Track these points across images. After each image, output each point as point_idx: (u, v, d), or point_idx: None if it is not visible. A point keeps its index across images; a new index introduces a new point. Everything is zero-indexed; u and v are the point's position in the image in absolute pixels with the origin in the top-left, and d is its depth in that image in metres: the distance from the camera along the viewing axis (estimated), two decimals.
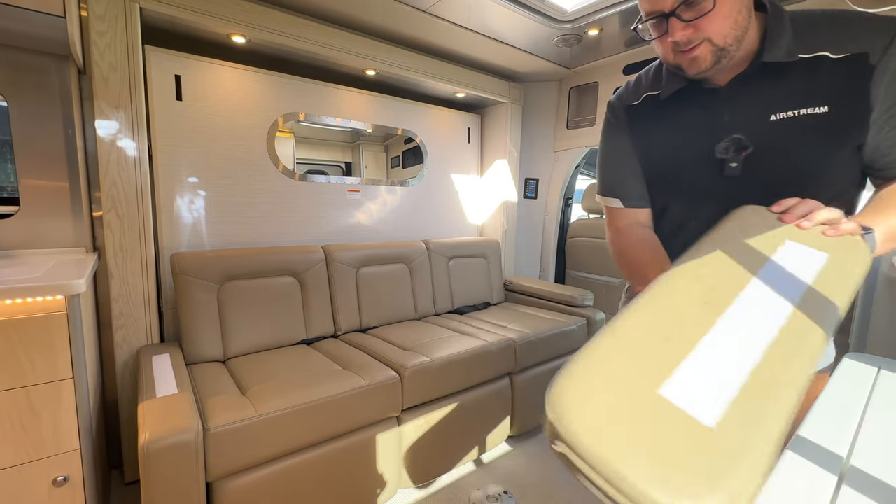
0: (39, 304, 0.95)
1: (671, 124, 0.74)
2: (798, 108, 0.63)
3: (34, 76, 1.27)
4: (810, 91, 0.62)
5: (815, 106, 0.61)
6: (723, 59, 0.64)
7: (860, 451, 0.49)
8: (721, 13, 0.60)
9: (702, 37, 0.61)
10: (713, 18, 0.60)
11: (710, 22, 0.60)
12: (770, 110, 0.64)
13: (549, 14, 1.69)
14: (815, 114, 0.61)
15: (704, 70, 0.65)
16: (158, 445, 0.92)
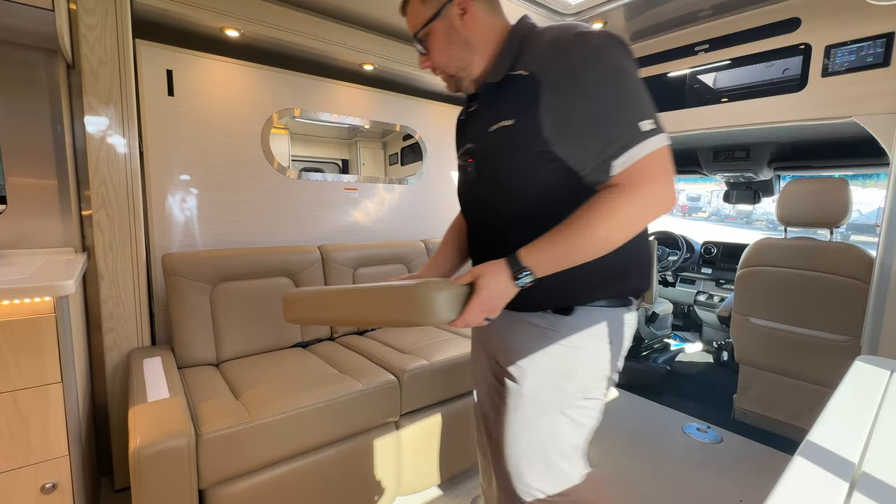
0: (27, 306, 0.93)
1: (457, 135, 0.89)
2: (499, 120, 0.72)
3: (21, 71, 1.24)
4: (507, 105, 0.71)
5: (507, 119, 0.71)
6: (461, 82, 0.79)
7: (872, 457, 0.48)
8: (436, 51, 0.77)
9: (434, 63, 0.79)
10: (433, 53, 0.78)
11: (432, 54, 0.78)
12: (488, 122, 0.74)
13: (553, 7, 1.65)
14: (507, 126, 0.71)
15: (453, 90, 0.81)
16: (150, 451, 0.90)
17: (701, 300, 2.86)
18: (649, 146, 0.62)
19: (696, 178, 2.92)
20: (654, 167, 0.63)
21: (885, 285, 1.37)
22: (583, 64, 0.64)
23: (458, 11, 0.74)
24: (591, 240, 0.64)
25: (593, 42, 0.65)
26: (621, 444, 1.76)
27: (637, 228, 0.66)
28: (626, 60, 0.65)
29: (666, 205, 0.64)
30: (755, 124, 1.72)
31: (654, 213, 0.65)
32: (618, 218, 0.63)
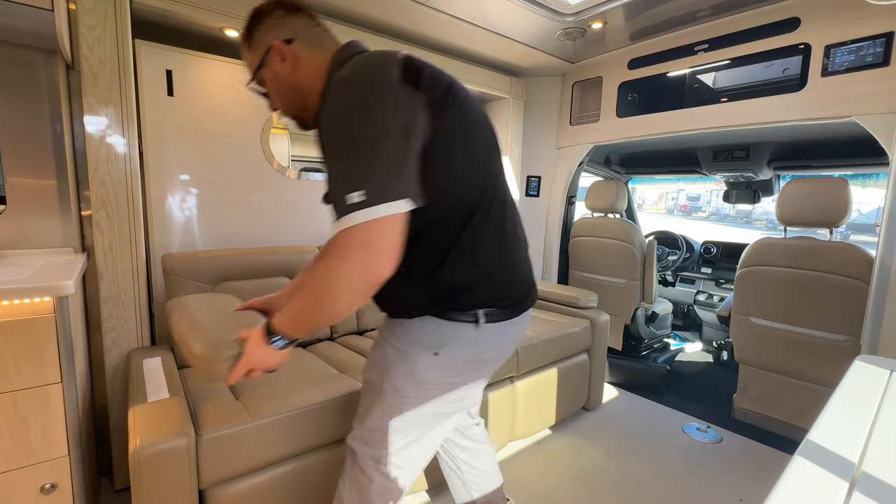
0: (27, 307, 0.92)
1: None
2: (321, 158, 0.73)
3: (21, 71, 1.23)
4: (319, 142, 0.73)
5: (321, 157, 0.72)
6: (306, 123, 0.83)
7: (872, 456, 0.48)
8: (272, 97, 0.82)
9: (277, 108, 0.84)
10: (271, 99, 0.83)
11: (272, 100, 0.83)
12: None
13: (552, 7, 1.65)
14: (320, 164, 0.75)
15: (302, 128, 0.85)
16: (149, 452, 0.90)
17: (701, 300, 2.86)
18: (352, 220, 0.62)
19: (696, 177, 2.92)
20: (351, 241, 0.63)
21: (884, 285, 1.37)
22: (334, 108, 0.66)
23: (277, 59, 0.77)
24: (315, 310, 0.69)
25: (343, 94, 0.66)
26: (621, 444, 1.76)
27: (350, 296, 0.66)
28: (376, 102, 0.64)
29: (367, 277, 0.64)
30: (755, 124, 1.72)
31: (355, 285, 0.65)
32: (329, 291, 0.66)
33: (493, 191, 0.78)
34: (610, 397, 2.18)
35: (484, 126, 0.80)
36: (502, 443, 1.68)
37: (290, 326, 0.73)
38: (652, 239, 2.36)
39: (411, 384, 0.80)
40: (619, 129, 2.16)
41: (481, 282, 0.77)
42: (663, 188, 17.22)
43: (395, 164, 0.63)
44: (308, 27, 0.80)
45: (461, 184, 0.73)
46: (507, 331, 0.84)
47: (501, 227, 0.80)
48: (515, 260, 0.84)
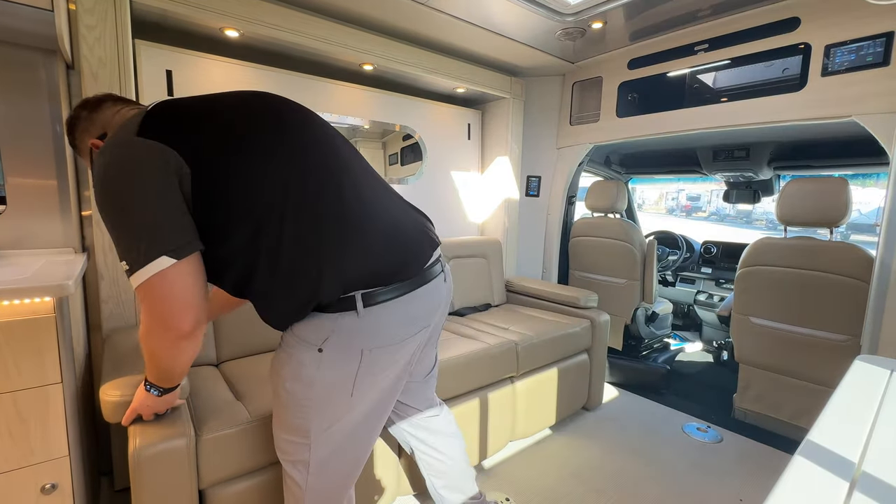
0: (27, 307, 0.92)
1: None
2: None
3: (20, 71, 1.23)
4: None
5: None
6: None
7: (872, 456, 0.48)
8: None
9: None
10: None
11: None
12: None
13: (552, 6, 1.65)
14: None
15: None
16: (149, 452, 0.90)
17: (701, 300, 2.86)
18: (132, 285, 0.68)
19: (696, 177, 2.92)
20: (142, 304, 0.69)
21: (885, 284, 1.37)
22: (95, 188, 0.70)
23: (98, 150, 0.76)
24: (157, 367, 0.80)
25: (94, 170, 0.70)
26: (621, 444, 1.76)
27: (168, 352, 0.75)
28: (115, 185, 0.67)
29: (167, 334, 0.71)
30: (755, 124, 1.72)
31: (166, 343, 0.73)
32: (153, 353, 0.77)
33: (315, 172, 0.76)
34: (610, 397, 2.18)
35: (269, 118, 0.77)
36: (502, 443, 1.68)
37: (154, 378, 0.83)
38: (652, 239, 2.36)
39: (301, 385, 0.79)
40: (619, 129, 2.16)
41: (339, 266, 0.74)
42: (663, 188, 17.21)
43: (146, 227, 0.66)
44: (113, 115, 0.82)
45: (259, 188, 0.72)
46: (406, 308, 0.81)
47: (348, 205, 0.77)
48: (388, 229, 0.81)
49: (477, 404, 1.54)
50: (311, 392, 0.79)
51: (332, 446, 0.84)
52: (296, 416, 0.82)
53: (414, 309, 0.83)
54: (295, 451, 0.85)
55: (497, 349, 1.59)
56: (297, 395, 0.80)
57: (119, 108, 0.83)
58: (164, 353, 0.74)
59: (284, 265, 0.73)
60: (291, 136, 0.77)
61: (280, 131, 0.77)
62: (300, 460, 0.85)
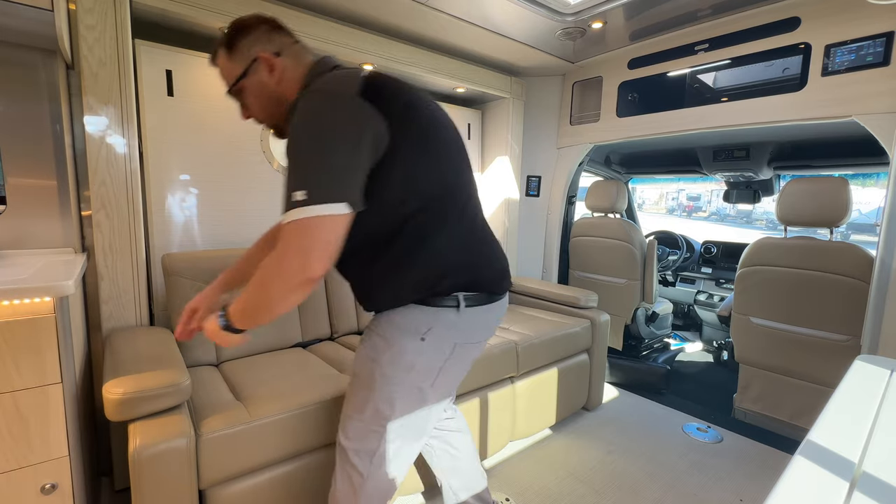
0: (27, 307, 0.92)
1: None
2: None
3: (20, 71, 1.23)
4: None
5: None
6: (283, 130, 0.90)
7: (872, 456, 0.48)
8: (251, 103, 0.90)
9: (253, 116, 0.92)
10: (250, 106, 0.91)
11: (249, 107, 0.91)
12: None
13: (552, 6, 1.65)
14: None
15: (279, 136, 0.92)
16: (150, 452, 0.90)
17: (701, 300, 2.86)
18: (292, 216, 0.67)
19: (696, 177, 2.92)
20: (290, 237, 0.68)
21: (885, 284, 1.37)
22: (297, 120, 0.73)
23: (265, 69, 0.83)
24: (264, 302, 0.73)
25: (312, 101, 0.72)
26: (621, 444, 1.76)
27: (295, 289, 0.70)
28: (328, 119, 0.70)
29: (301, 274, 0.68)
30: (755, 124, 1.72)
31: (292, 283, 0.69)
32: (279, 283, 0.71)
33: (462, 187, 0.86)
34: (610, 397, 2.18)
35: (448, 130, 0.86)
36: (502, 443, 1.68)
37: (237, 317, 0.79)
38: (652, 239, 2.36)
39: (400, 370, 0.83)
40: (619, 128, 2.16)
41: (457, 269, 0.83)
42: (663, 188, 17.21)
43: (338, 171, 0.69)
44: (291, 43, 0.86)
45: (429, 183, 0.79)
46: (486, 315, 0.89)
47: (473, 219, 0.87)
48: (490, 248, 0.91)
49: (477, 404, 1.54)
50: (407, 378, 0.84)
51: (401, 439, 0.88)
52: (382, 400, 0.85)
53: (492, 318, 0.91)
54: (366, 439, 0.87)
55: (497, 349, 1.59)
56: (393, 380, 0.84)
57: (295, 43, 0.87)
58: (279, 292, 0.71)
59: (419, 255, 0.79)
60: (458, 152, 0.87)
61: (455, 145, 0.87)
62: (368, 449, 0.87)
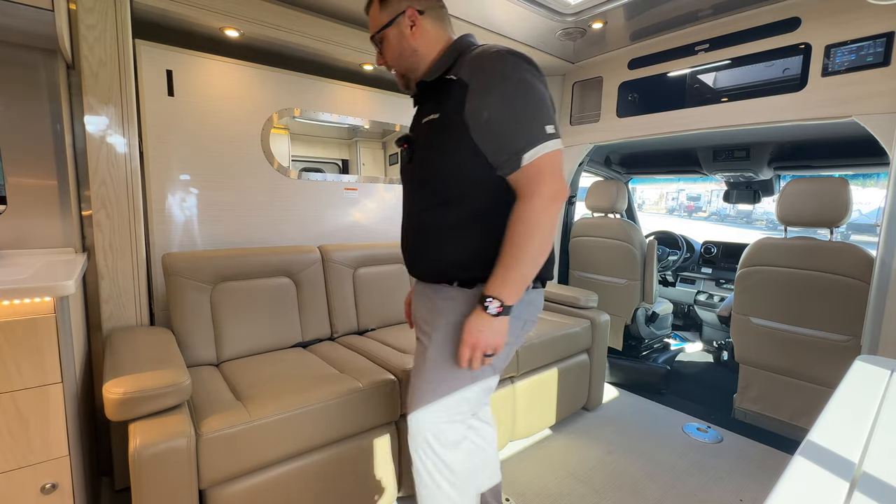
0: (27, 306, 0.92)
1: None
2: (429, 114, 0.89)
3: (21, 71, 1.23)
4: (436, 102, 0.88)
5: (434, 113, 0.87)
6: (408, 80, 0.96)
7: (872, 456, 0.48)
8: (388, 51, 0.94)
9: (386, 62, 0.96)
10: (386, 54, 0.95)
11: (385, 55, 0.95)
12: (422, 116, 0.92)
13: (552, 7, 1.65)
14: (434, 119, 0.87)
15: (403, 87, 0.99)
16: (150, 452, 0.90)
17: (701, 300, 2.86)
18: (552, 146, 0.79)
19: (696, 177, 2.92)
20: (555, 163, 0.79)
21: (885, 285, 1.36)
22: (503, 75, 0.80)
23: (408, 23, 0.90)
24: (529, 258, 0.79)
25: (511, 60, 0.81)
26: (621, 444, 1.76)
27: (553, 225, 0.81)
28: (530, 76, 0.81)
29: (563, 196, 0.80)
30: (755, 124, 1.72)
31: (558, 206, 0.80)
32: (539, 227, 0.78)
33: None
34: (610, 397, 2.18)
35: None
36: (502, 443, 1.68)
37: (508, 290, 0.80)
38: (652, 239, 2.36)
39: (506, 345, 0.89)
40: (620, 129, 2.16)
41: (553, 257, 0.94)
42: (663, 188, 17.20)
43: (550, 119, 0.81)
44: (437, 6, 0.94)
45: None
46: (541, 298, 0.97)
47: None
48: None
49: None
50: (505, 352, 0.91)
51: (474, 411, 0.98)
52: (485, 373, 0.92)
53: (542, 301, 0.98)
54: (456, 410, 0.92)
55: None
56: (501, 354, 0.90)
57: (441, 7, 0.95)
58: (552, 223, 0.80)
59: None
60: None
61: None
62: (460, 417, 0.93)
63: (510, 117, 0.78)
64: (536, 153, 0.77)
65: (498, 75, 0.80)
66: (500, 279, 0.80)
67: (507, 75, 0.79)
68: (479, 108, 0.79)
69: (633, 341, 2.55)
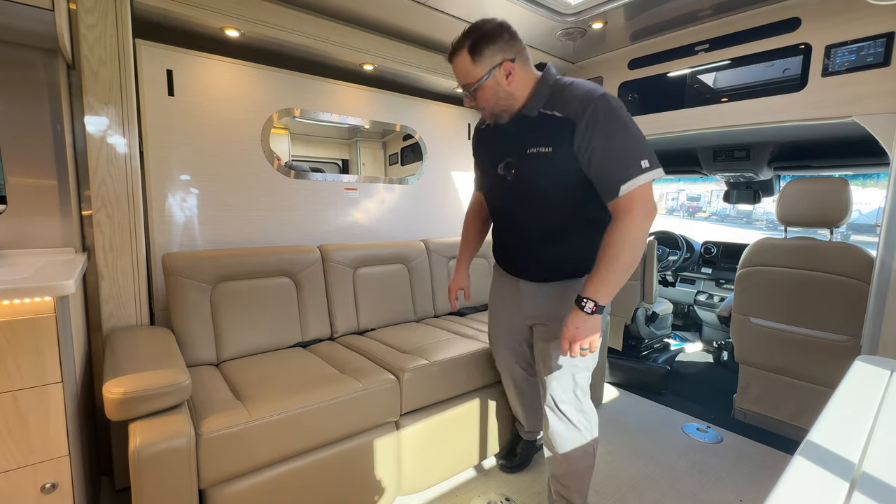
0: (27, 306, 0.92)
1: (483, 145, 1.20)
2: (538, 146, 1.01)
3: (21, 71, 1.23)
4: (544, 136, 1.01)
5: (545, 146, 1.00)
6: (500, 116, 1.06)
7: (872, 456, 0.48)
8: (483, 98, 1.03)
9: (479, 105, 1.06)
10: (480, 99, 1.04)
11: (480, 100, 1.04)
12: (526, 146, 1.04)
13: (552, 7, 1.65)
14: (545, 151, 1.00)
15: (491, 121, 1.10)
16: (150, 451, 0.90)
17: (701, 300, 2.86)
18: (647, 177, 0.93)
19: (696, 177, 2.92)
20: (646, 192, 0.94)
21: (885, 285, 1.36)
22: (606, 117, 0.93)
23: (504, 73, 1.00)
24: (623, 266, 0.95)
25: (612, 103, 0.95)
26: (621, 444, 1.76)
27: (645, 238, 0.95)
28: (625, 114, 0.95)
29: (653, 214, 0.95)
30: (755, 124, 1.72)
31: (649, 223, 0.95)
32: (631, 242, 0.94)
33: None
34: (610, 397, 2.18)
35: None
36: (502, 442, 1.68)
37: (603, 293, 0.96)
38: (652, 239, 2.36)
39: None
40: None
41: None
42: (663, 188, 17.19)
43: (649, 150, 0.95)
44: (523, 49, 1.03)
45: None
46: None
47: None
48: None
49: (477, 404, 1.55)
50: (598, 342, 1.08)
51: None
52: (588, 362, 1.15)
53: None
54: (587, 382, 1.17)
55: None
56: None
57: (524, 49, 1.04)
58: (644, 238, 0.95)
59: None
60: None
61: None
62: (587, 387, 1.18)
63: (612, 154, 0.93)
64: (631, 186, 0.92)
65: (601, 118, 0.93)
66: (596, 283, 0.96)
67: (609, 117, 0.93)
68: (586, 145, 0.94)
69: (633, 341, 2.55)
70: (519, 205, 1.11)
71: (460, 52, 1.00)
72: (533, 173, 1.04)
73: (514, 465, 1.54)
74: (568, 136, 0.96)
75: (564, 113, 0.97)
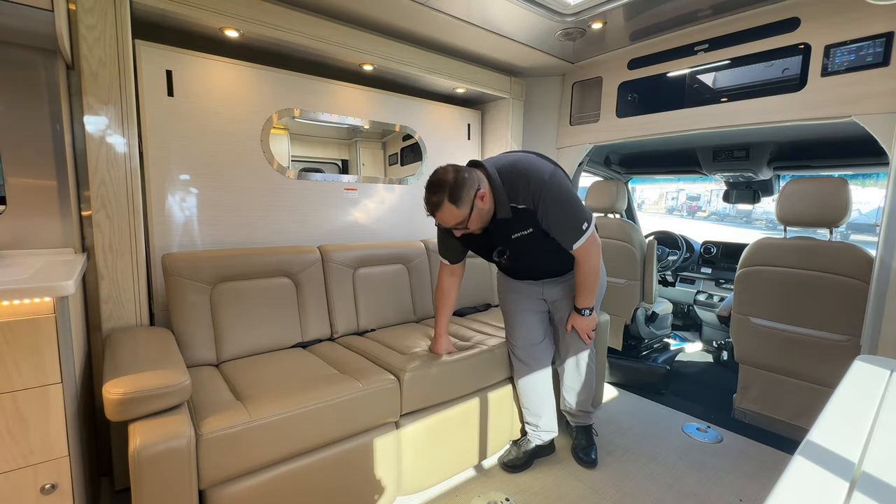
0: (27, 307, 0.92)
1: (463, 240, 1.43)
2: (521, 231, 1.34)
3: (20, 71, 1.23)
4: (521, 222, 1.32)
5: (526, 230, 1.33)
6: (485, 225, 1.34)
7: (872, 456, 0.47)
8: (474, 224, 1.29)
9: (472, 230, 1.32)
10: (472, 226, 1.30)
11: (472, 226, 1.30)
12: (510, 233, 1.35)
13: (552, 7, 1.65)
14: (528, 233, 1.34)
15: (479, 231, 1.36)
16: (150, 452, 0.90)
17: (701, 300, 2.86)
18: (587, 234, 1.30)
19: (695, 177, 2.92)
20: (589, 238, 1.31)
21: (884, 285, 1.37)
22: (551, 201, 1.26)
23: (479, 199, 1.25)
24: (592, 285, 1.41)
25: (554, 187, 1.25)
26: (621, 444, 1.76)
27: (599, 262, 1.39)
28: (567, 189, 1.29)
29: (599, 245, 1.37)
30: (755, 124, 1.72)
31: (598, 251, 1.37)
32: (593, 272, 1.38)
33: None
34: (610, 397, 2.18)
35: None
36: (502, 442, 1.68)
37: (586, 302, 1.44)
38: (652, 239, 2.36)
39: None
40: (619, 129, 2.16)
41: None
42: (663, 188, 17.20)
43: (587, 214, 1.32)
44: (474, 172, 1.27)
45: None
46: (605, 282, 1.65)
47: None
48: None
49: (477, 404, 1.55)
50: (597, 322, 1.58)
51: None
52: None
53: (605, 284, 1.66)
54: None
55: (497, 349, 1.59)
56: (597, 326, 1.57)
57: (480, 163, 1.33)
58: (598, 264, 1.38)
59: None
60: None
61: None
62: None
63: (562, 227, 1.29)
64: (580, 243, 1.30)
65: (549, 202, 1.25)
66: (582, 298, 1.43)
67: (553, 200, 1.25)
68: (545, 221, 1.28)
69: (633, 341, 2.55)
70: (519, 262, 1.45)
71: (442, 204, 1.22)
72: (524, 248, 1.37)
73: (517, 465, 1.56)
74: (535, 219, 1.30)
75: (526, 204, 1.28)
